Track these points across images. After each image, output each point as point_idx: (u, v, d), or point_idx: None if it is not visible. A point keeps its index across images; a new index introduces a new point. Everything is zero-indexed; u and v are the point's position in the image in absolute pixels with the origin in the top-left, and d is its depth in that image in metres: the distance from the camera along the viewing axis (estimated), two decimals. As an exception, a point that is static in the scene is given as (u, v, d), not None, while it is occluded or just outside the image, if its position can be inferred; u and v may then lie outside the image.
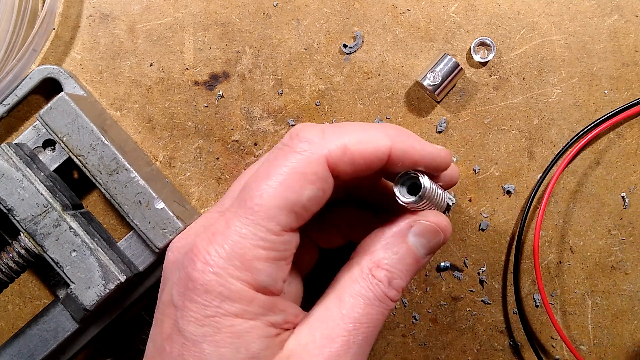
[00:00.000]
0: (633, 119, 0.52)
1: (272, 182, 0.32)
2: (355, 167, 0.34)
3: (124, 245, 0.49)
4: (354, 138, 0.34)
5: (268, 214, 0.32)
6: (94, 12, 0.53)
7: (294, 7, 0.53)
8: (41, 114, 0.46)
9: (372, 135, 0.34)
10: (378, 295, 0.33)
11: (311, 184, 0.32)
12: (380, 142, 0.34)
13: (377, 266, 0.34)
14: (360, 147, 0.34)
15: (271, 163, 0.33)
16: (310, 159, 0.33)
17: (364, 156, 0.34)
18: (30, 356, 0.48)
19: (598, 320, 0.52)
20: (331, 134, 0.34)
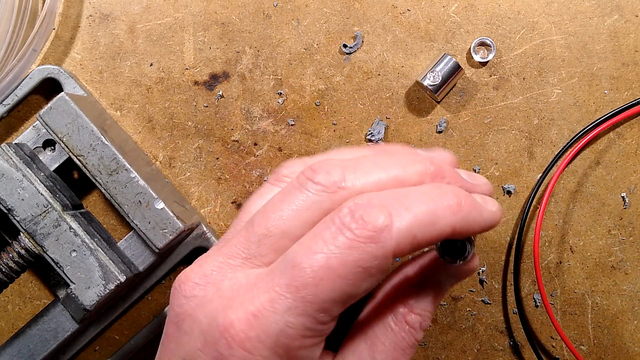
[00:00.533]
0: (633, 119, 0.52)
1: (332, 274, 0.28)
2: (416, 250, 0.30)
3: (124, 246, 0.49)
4: (421, 220, 0.29)
5: (322, 307, 0.28)
6: (94, 12, 0.53)
7: (294, 7, 0.53)
8: (41, 114, 0.46)
9: (439, 213, 0.30)
10: (410, 344, 0.33)
11: (372, 277, 0.29)
12: (447, 222, 0.30)
13: (410, 312, 0.33)
14: (427, 231, 0.29)
15: (325, 239, 0.29)
16: (376, 254, 0.28)
17: (428, 241, 0.30)
18: (30, 356, 0.48)
19: (598, 320, 0.52)
20: (399, 214, 0.29)
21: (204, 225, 0.51)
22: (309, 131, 0.53)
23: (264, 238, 0.31)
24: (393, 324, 0.33)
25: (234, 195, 0.53)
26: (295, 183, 0.31)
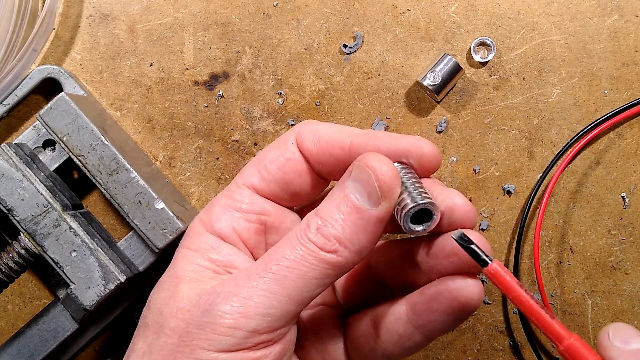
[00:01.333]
0: (633, 119, 0.52)
1: (260, 151, 0.38)
2: (318, 149, 0.36)
3: (124, 246, 0.49)
4: (328, 127, 0.37)
5: (242, 172, 0.37)
6: (94, 12, 0.53)
7: (294, 7, 0.53)
8: (41, 114, 0.46)
9: (344, 128, 0.37)
10: (300, 238, 0.32)
11: (276, 148, 0.37)
12: (348, 132, 0.36)
13: (315, 214, 0.33)
14: (327, 131, 0.36)
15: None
16: (289, 131, 0.38)
17: (327, 139, 0.36)
18: (30, 356, 0.48)
19: (598, 320, 0.52)
20: (316, 123, 0.38)
21: (203, 224, 0.51)
22: (309, 131, 0.53)
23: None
24: (299, 226, 0.33)
25: (234, 195, 0.53)
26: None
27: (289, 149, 0.37)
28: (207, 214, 0.37)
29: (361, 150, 0.35)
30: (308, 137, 0.36)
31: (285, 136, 0.37)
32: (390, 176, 0.32)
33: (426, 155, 0.35)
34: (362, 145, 0.35)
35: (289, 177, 0.37)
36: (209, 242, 0.36)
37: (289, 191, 0.37)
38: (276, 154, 0.37)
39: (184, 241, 0.37)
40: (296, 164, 0.37)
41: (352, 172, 0.33)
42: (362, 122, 0.52)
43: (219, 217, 0.36)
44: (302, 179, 0.37)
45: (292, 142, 0.37)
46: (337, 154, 0.36)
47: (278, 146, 0.37)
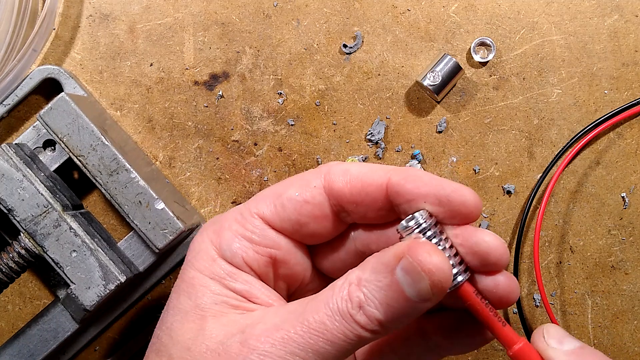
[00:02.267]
0: (633, 119, 0.52)
1: (280, 182, 0.36)
2: (351, 188, 0.34)
3: (124, 246, 0.49)
4: (359, 166, 0.35)
5: (256, 199, 0.36)
6: (94, 12, 0.53)
7: (294, 7, 0.53)
8: (41, 114, 0.46)
9: (376, 167, 0.35)
10: (341, 311, 0.31)
11: (298, 187, 0.35)
12: (381, 171, 0.34)
13: (358, 284, 0.31)
14: (361, 172, 0.35)
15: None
16: (312, 172, 0.36)
17: (362, 179, 0.34)
18: (30, 356, 0.48)
19: (598, 320, 0.52)
20: (346, 163, 0.36)
21: (204, 225, 0.51)
22: (309, 131, 0.53)
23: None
24: (340, 284, 0.32)
25: (234, 195, 0.53)
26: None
27: (310, 191, 0.35)
28: (218, 237, 0.35)
29: (400, 190, 0.33)
30: (339, 177, 0.35)
31: (309, 175, 0.35)
32: (444, 277, 0.31)
33: (468, 205, 0.32)
34: (401, 184, 0.33)
35: (304, 219, 0.35)
36: (224, 268, 0.35)
37: (303, 232, 0.36)
38: (295, 193, 0.35)
39: (197, 263, 0.35)
40: (314, 208, 0.35)
41: (402, 263, 0.31)
42: (362, 122, 0.52)
43: (230, 244, 0.35)
44: (318, 223, 0.35)
45: (316, 184, 0.35)
46: (373, 194, 0.34)
47: (299, 184, 0.35)
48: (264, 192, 0.36)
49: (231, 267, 0.35)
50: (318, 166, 0.37)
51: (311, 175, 0.35)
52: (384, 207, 0.34)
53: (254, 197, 0.36)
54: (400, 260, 0.31)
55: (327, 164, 0.36)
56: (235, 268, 0.35)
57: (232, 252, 0.35)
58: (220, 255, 0.35)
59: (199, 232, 0.37)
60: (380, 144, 0.52)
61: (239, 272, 0.35)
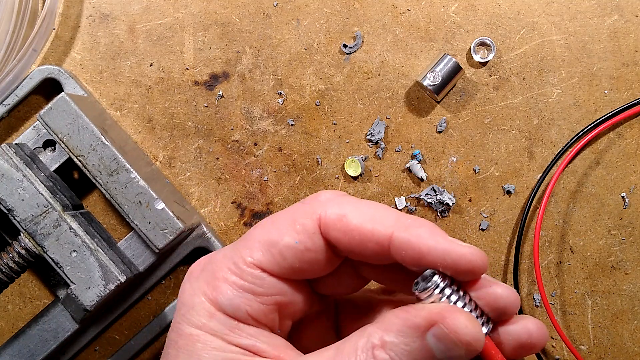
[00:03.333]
0: (633, 119, 0.52)
1: (269, 221, 0.34)
2: (349, 240, 0.32)
3: (124, 246, 0.49)
4: (358, 212, 0.32)
5: (248, 244, 0.33)
6: (94, 12, 0.53)
7: (294, 7, 0.53)
8: (41, 114, 0.46)
9: (379, 216, 0.32)
10: None
11: (295, 232, 0.32)
12: (384, 224, 0.32)
13: (382, 347, 0.30)
14: (359, 220, 0.32)
15: (285, 210, 0.34)
16: (305, 210, 0.33)
17: (360, 231, 0.32)
18: (30, 356, 0.48)
19: (598, 320, 0.52)
20: (342, 200, 0.33)
21: (204, 225, 0.51)
22: (309, 131, 0.53)
23: None
24: (362, 345, 0.31)
25: (234, 195, 0.53)
26: None
27: (311, 238, 0.32)
28: (213, 290, 0.33)
29: (404, 253, 0.31)
30: (336, 226, 0.32)
31: (302, 217, 0.33)
32: (479, 345, 0.30)
33: (476, 270, 0.31)
34: (405, 245, 0.31)
35: (306, 266, 0.33)
36: (225, 323, 0.32)
37: (305, 275, 0.34)
38: (294, 241, 0.32)
39: (193, 318, 0.33)
40: (316, 255, 0.33)
41: (434, 330, 0.30)
42: (362, 122, 0.52)
43: (230, 297, 0.32)
44: (321, 266, 0.34)
45: (315, 231, 0.33)
46: (372, 249, 0.32)
47: (294, 229, 0.33)
48: (254, 235, 0.33)
49: (232, 321, 0.32)
50: (309, 199, 0.34)
51: (304, 216, 0.33)
52: (385, 257, 0.32)
53: (245, 242, 0.33)
54: (432, 326, 0.30)
55: (319, 197, 0.34)
56: (238, 322, 0.33)
57: (234, 306, 0.32)
58: (218, 309, 0.32)
59: (187, 281, 0.34)
60: (380, 144, 0.52)
61: (243, 326, 0.33)
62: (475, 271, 0.31)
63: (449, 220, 0.52)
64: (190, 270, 0.35)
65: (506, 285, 0.32)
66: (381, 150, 0.52)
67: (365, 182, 0.52)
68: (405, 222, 0.31)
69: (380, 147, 0.52)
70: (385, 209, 0.32)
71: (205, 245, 0.50)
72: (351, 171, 0.52)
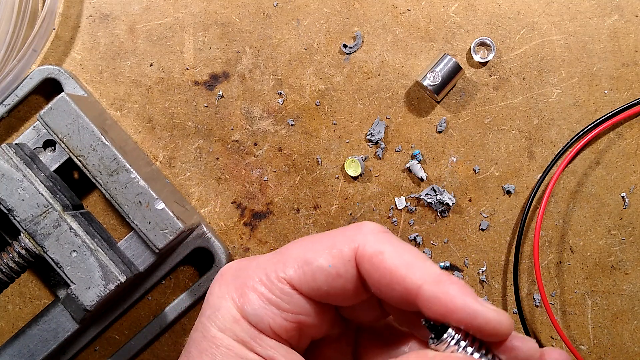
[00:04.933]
0: (633, 119, 0.52)
1: (308, 240, 0.34)
2: (380, 277, 0.32)
3: (124, 246, 0.49)
4: (397, 251, 0.32)
5: (283, 259, 0.33)
6: (94, 12, 0.53)
7: (294, 7, 0.53)
8: (41, 115, 0.46)
9: (416, 261, 0.32)
10: None
11: (330, 256, 0.33)
12: (419, 270, 0.31)
13: None
14: (396, 260, 0.32)
15: (331, 231, 0.35)
16: (345, 237, 0.33)
17: (392, 271, 0.32)
18: (31, 356, 0.48)
19: (598, 320, 0.52)
20: (383, 237, 0.33)
21: (204, 225, 0.51)
22: (309, 131, 0.53)
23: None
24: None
25: (234, 195, 0.53)
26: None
27: (344, 264, 0.33)
28: (242, 297, 0.33)
29: (430, 307, 0.31)
30: (371, 261, 0.32)
31: (341, 242, 0.33)
32: None
33: (500, 335, 0.31)
34: (433, 300, 0.31)
35: (334, 291, 0.33)
36: (248, 331, 0.33)
37: (331, 300, 0.34)
38: (328, 264, 0.32)
39: (218, 321, 0.33)
40: (346, 282, 0.33)
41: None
42: (362, 122, 0.52)
43: (256, 307, 0.33)
44: (348, 295, 0.34)
45: (350, 259, 0.33)
46: (400, 294, 0.32)
47: (330, 252, 0.33)
48: (291, 251, 0.34)
49: (255, 331, 0.33)
50: (353, 227, 0.34)
51: (343, 243, 0.33)
52: (410, 304, 0.32)
53: (280, 256, 0.34)
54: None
55: (362, 227, 0.33)
56: (259, 332, 0.33)
57: (258, 317, 0.33)
58: (243, 316, 0.33)
59: (218, 283, 0.34)
60: (380, 144, 0.52)
61: (264, 337, 0.33)
62: (500, 336, 0.31)
63: (449, 220, 0.52)
64: (222, 272, 0.35)
65: (523, 336, 0.32)
66: (381, 150, 0.52)
67: (365, 182, 0.52)
68: (438, 277, 0.31)
69: (380, 147, 0.52)
70: (424, 259, 0.32)
71: (205, 245, 0.51)
72: (351, 171, 0.52)
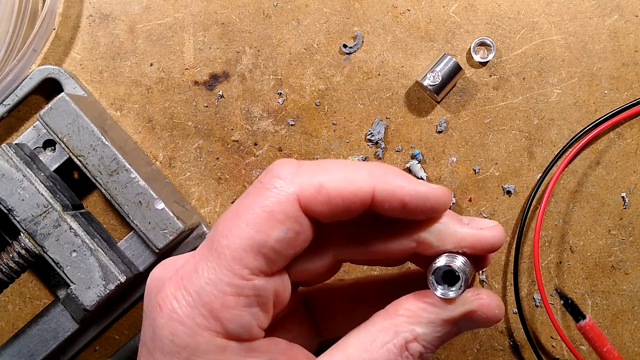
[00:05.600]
0: (633, 119, 0.52)
1: (239, 222, 0.30)
2: (333, 208, 0.31)
3: (124, 246, 0.49)
4: (332, 176, 0.31)
5: (234, 257, 0.30)
6: (94, 12, 0.53)
7: (294, 7, 0.53)
8: (41, 114, 0.46)
9: (353, 174, 0.31)
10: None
11: (280, 223, 0.30)
12: (362, 182, 0.31)
13: (415, 340, 0.31)
14: (338, 185, 0.31)
15: (242, 202, 0.31)
16: (279, 196, 0.30)
17: (342, 196, 0.30)
18: (30, 356, 0.48)
19: (598, 320, 0.52)
20: (306, 170, 0.31)
21: (204, 225, 0.51)
22: (309, 131, 0.53)
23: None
24: (392, 345, 0.31)
25: (234, 195, 0.53)
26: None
27: (297, 221, 0.30)
28: (216, 321, 0.30)
29: (387, 205, 0.31)
30: (317, 199, 0.30)
31: (280, 204, 0.30)
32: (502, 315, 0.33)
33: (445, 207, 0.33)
34: (389, 198, 0.31)
35: (297, 249, 0.31)
36: (239, 350, 0.31)
37: (292, 257, 0.32)
38: (284, 232, 0.30)
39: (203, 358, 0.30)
40: (305, 233, 0.31)
41: (469, 315, 0.32)
42: (362, 122, 0.52)
43: (239, 320, 0.30)
44: (307, 241, 0.32)
45: (298, 212, 0.30)
46: (356, 209, 0.31)
47: (277, 219, 0.30)
48: (233, 245, 0.30)
49: (245, 345, 0.31)
50: (268, 181, 0.31)
51: (281, 204, 0.30)
52: (362, 211, 0.32)
53: (224, 257, 0.30)
54: (467, 315, 0.32)
55: (279, 175, 0.31)
56: (250, 342, 0.31)
57: (245, 327, 0.30)
58: (229, 338, 0.30)
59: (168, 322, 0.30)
60: (380, 144, 0.52)
61: (255, 344, 0.31)
62: (445, 207, 0.33)
63: (449, 220, 0.52)
64: (159, 303, 0.31)
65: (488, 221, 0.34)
66: (381, 150, 0.52)
67: (365, 182, 0.52)
68: (381, 175, 0.31)
69: (380, 147, 0.52)
70: (352, 165, 0.32)
71: (205, 245, 0.50)
72: (351, 171, 0.52)
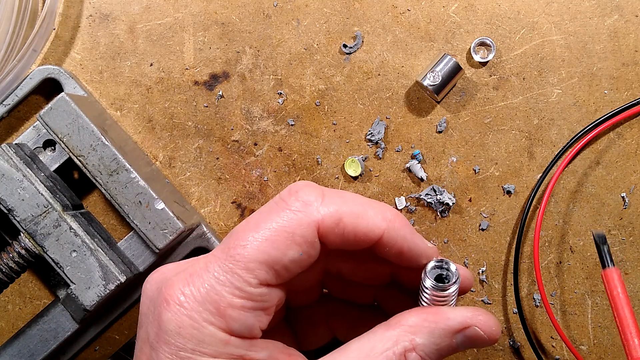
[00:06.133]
0: (633, 119, 0.52)
1: (258, 235, 0.32)
2: (344, 241, 0.34)
3: (124, 246, 0.49)
4: (351, 210, 0.34)
5: (248, 266, 0.32)
6: (94, 12, 0.53)
7: (294, 7, 0.53)
8: (41, 114, 0.46)
9: (370, 213, 0.34)
10: None
11: (297, 245, 0.32)
12: (377, 223, 0.34)
13: (414, 349, 0.33)
14: (355, 221, 0.34)
15: (263, 215, 0.33)
16: (302, 220, 0.33)
17: (356, 232, 0.34)
18: (30, 356, 0.48)
19: (598, 320, 0.52)
20: (330, 201, 0.34)
21: (204, 225, 0.51)
22: (309, 131, 0.53)
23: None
24: (392, 353, 0.33)
25: (234, 195, 0.53)
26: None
27: (312, 246, 0.33)
28: (222, 318, 0.32)
29: (387, 250, 0.35)
30: (334, 231, 0.33)
31: (301, 228, 0.33)
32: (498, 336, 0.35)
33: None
34: (391, 244, 0.35)
35: (304, 269, 0.34)
36: (240, 345, 0.32)
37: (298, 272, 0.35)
38: (298, 254, 0.33)
39: (207, 350, 0.32)
40: (316, 256, 0.34)
41: (467, 330, 0.34)
42: (362, 122, 0.52)
43: (243, 321, 0.32)
44: (313, 261, 0.34)
45: (315, 239, 0.33)
46: (362, 245, 0.34)
47: (295, 241, 0.32)
48: (249, 255, 0.32)
49: (247, 342, 0.33)
50: (294, 203, 0.33)
51: (302, 228, 0.33)
52: (364, 248, 0.35)
53: (238, 262, 0.32)
54: (465, 328, 0.34)
55: (302, 198, 0.33)
56: (250, 339, 0.33)
57: (248, 328, 0.32)
58: (229, 334, 0.32)
59: (175, 316, 0.32)
60: (380, 144, 0.52)
61: (257, 342, 0.33)
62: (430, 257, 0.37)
63: (449, 220, 0.52)
64: (165, 298, 0.32)
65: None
66: (381, 150, 0.52)
67: (365, 182, 0.52)
68: (391, 221, 0.35)
69: (380, 147, 0.52)
70: (369, 204, 0.35)
71: (205, 245, 0.51)
72: (351, 171, 0.52)
